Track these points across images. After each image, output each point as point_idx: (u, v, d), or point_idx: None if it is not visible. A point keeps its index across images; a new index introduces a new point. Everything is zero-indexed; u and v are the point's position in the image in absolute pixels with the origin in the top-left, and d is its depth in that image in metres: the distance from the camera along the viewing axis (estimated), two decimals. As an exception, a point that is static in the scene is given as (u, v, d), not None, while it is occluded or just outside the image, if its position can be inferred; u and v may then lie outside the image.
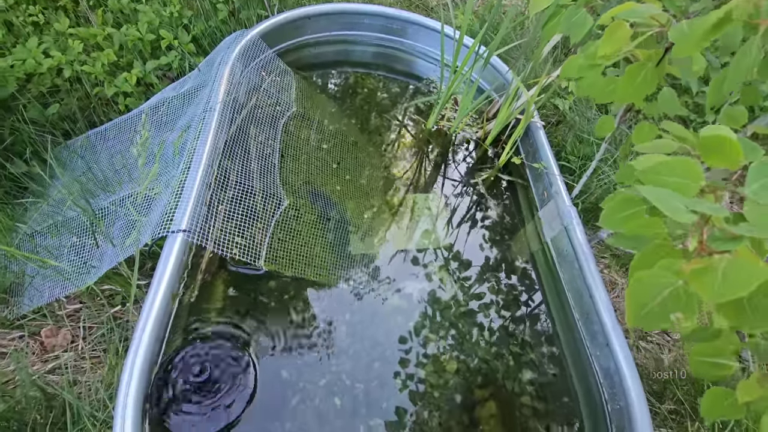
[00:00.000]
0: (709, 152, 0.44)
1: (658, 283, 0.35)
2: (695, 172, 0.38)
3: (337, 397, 0.97)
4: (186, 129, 1.06)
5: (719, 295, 0.30)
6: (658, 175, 0.38)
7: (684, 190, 0.37)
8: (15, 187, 1.23)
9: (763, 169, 0.37)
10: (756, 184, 0.37)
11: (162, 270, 0.77)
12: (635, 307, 0.36)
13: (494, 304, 1.12)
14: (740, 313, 0.34)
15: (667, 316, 0.35)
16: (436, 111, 1.36)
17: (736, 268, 0.31)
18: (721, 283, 0.30)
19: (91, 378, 1.00)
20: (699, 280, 0.32)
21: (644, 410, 0.79)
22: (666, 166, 0.38)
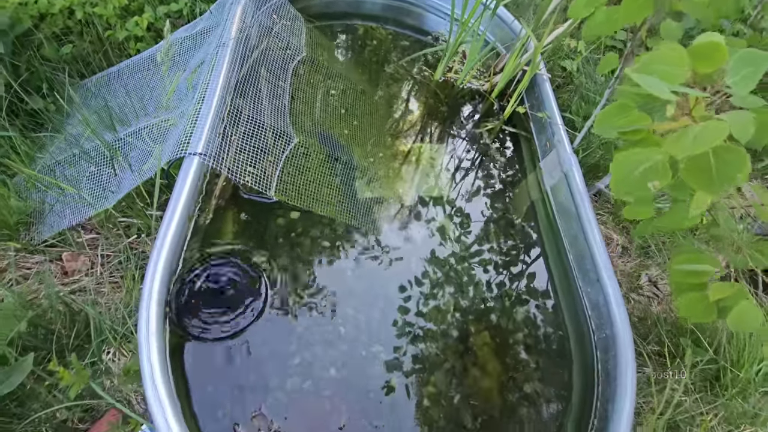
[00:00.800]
0: (699, 59, 0.47)
1: (640, 159, 0.39)
2: (682, 61, 0.41)
3: (341, 326, 1.04)
4: (199, 65, 1.08)
5: (691, 149, 0.34)
6: (651, 65, 0.42)
7: (671, 78, 0.41)
8: (33, 122, 1.27)
9: (745, 60, 0.41)
10: (737, 76, 0.41)
11: (179, 189, 0.81)
12: (619, 179, 0.40)
13: (493, 249, 1.17)
14: (706, 176, 0.38)
15: (645, 184, 0.39)
16: (443, 62, 1.38)
17: (705, 131, 0.35)
18: (692, 142, 0.34)
19: (110, 300, 1.06)
20: (675, 143, 0.36)
21: (627, 334, 0.84)
22: (658, 55, 0.42)
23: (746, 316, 0.53)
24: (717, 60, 0.47)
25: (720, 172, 0.38)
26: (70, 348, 0.94)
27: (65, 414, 0.90)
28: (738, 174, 0.38)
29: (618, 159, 0.41)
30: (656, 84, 0.38)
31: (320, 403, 0.91)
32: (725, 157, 0.38)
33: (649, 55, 0.42)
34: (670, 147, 0.36)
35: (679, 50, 0.42)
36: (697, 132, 0.36)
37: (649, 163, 0.39)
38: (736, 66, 0.41)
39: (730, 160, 0.38)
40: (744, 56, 0.41)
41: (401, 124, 1.35)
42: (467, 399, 0.98)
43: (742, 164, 0.38)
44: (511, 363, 1.01)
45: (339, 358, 0.97)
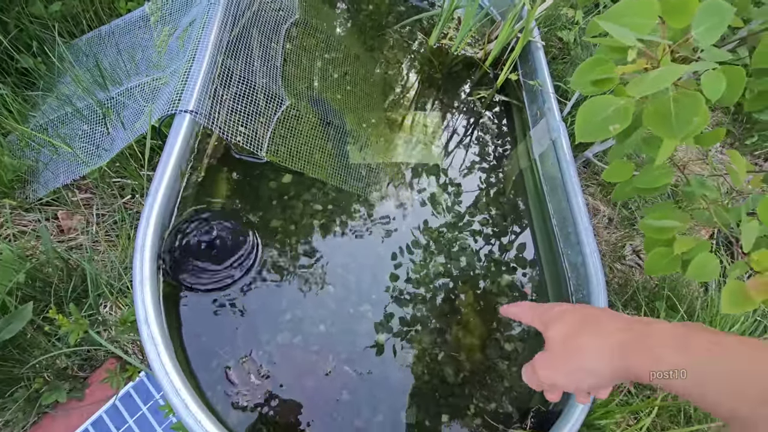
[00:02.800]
0: (672, 12, 0.49)
1: (604, 105, 0.41)
2: (650, 12, 0.43)
3: (331, 285, 1.07)
4: (190, 24, 1.07)
5: (648, 90, 0.36)
6: (620, 15, 0.43)
7: (640, 28, 0.42)
8: (24, 81, 1.26)
9: (710, 10, 0.42)
10: (701, 27, 0.42)
11: (171, 144, 0.83)
12: (583, 124, 0.43)
13: (482, 217, 1.20)
14: (667, 121, 0.40)
15: (606, 127, 0.41)
16: (438, 28, 1.37)
17: (662, 73, 0.37)
18: (650, 83, 0.36)
19: (106, 257, 1.09)
20: (635, 85, 0.38)
21: (602, 291, 0.88)
22: (627, 7, 0.43)
23: (706, 266, 0.56)
24: (689, 14, 0.48)
25: (678, 116, 0.40)
26: (68, 300, 0.98)
27: (65, 361, 0.95)
28: (695, 117, 0.40)
29: (585, 105, 0.43)
30: (623, 31, 0.40)
31: (308, 355, 0.96)
32: (683, 102, 0.40)
33: (619, 5, 0.44)
34: (630, 88, 0.38)
35: (648, 1, 0.43)
36: (655, 74, 0.38)
37: (612, 107, 0.41)
38: (701, 17, 0.42)
39: (688, 104, 0.40)
40: (708, 7, 0.42)
41: (394, 90, 1.36)
42: (450, 356, 1.03)
43: (698, 107, 0.40)
44: (494, 324, 1.06)
45: (328, 316, 1.01)
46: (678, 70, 0.37)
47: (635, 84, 0.38)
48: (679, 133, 0.40)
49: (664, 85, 0.36)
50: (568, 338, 0.42)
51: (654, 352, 0.35)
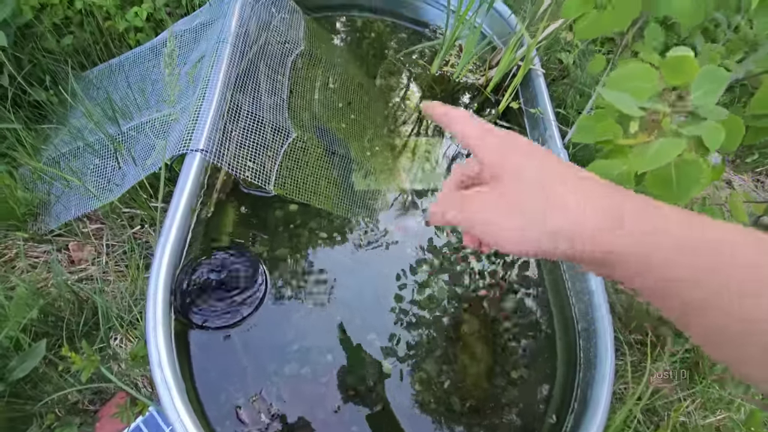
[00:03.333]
0: (671, 71, 0.51)
1: (608, 168, 0.43)
2: (650, 77, 0.45)
3: (338, 315, 1.08)
4: (200, 60, 1.10)
5: (651, 164, 0.38)
6: (622, 81, 0.45)
7: (640, 93, 0.44)
8: (36, 114, 1.29)
9: (708, 76, 0.44)
10: (700, 91, 0.44)
11: (183, 183, 0.85)
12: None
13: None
14: (668, 187, 0.42)
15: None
16: (440, 56, 1.40)
17: (665, 146, 0.39)
18: (652, 158, 0.38)
19: (116, 288, 1.11)
20: (637, 158, 0.40)
21: (608, 324, 0.89)
22: (628, 73, 0.45)
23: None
24: (688, 73, 0.50)
25: (680, 183, 0.41)
26: (80, 334, 0.99)
27: (76, 396, 0.96)
28: (695, 185, 0.42)
29: (590, 168, 0.45)
30: (625, 100, 0.41)
31: (317, 387, 0.96)
32: (685, 170, 0.41)
33: (620, 71, 0.46)
34: (633, 161, 0.40)
35: (647, 68, 0.45)
36: (656, 148, 0.39)
37: (615, 172, 0.43)
38: (699, 82, 0.44)
39: (689, 172, 0.42)
40: (706, 73, 0.44)
41: (398, 117, 1.38)
42: (456, 384, 1.04)
43: (699, 176, 0.42)
44: (500, 350, 1.06)
45: (335, 345, 1.02)
46: (678, 145, 0.38)
47: (637, 157, 0.39)
48: (681, 199, 0.41)
49: (665, 161, 0.37)
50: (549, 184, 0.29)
51: None
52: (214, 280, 0.84)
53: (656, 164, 0.38)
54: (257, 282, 0.90)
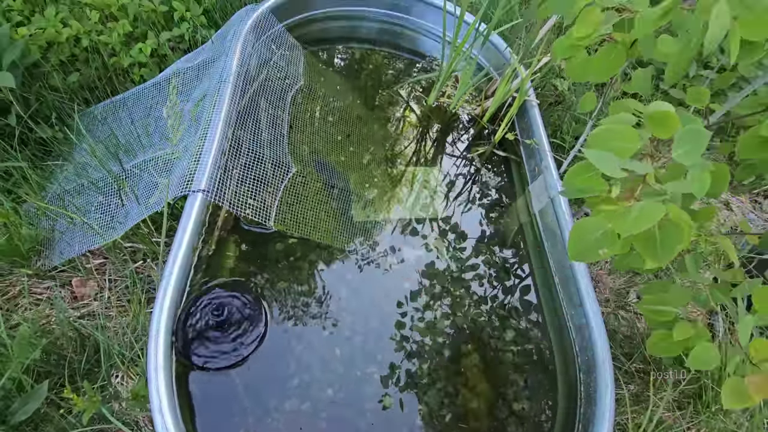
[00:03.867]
0: (655, 124, 0.53)
1: (592, 228, 0.44)
2: (631, 138, 0.46)
3: (337, 348, 1.09)
4: (202, 99, 1.13)
5: (632, 229, 0.39)
6: (604, 140, 0.47)
7: (622, 152, 0.46)
8: (42, 150, 1.32)
9: (689, 136, 0.46)
10: (681, 149, 0.46)
11: (184, 224, 0.86)
12: (575, 245, 0.46)
13: (485, 271, 1.22)
14: (652, 246, 0.43)
15: (596, 250, 0.44)
16: (436, 88, 1.43)
17: (646, 209, 0.40)
18: (633, 220, 0.39)
19: (117, 324, 1.11)
20: (619, 220, 0.41)
21: (607, 360, 0.89)
22: (610, 132, 0.47)
23: (704, 356, 0.58)
24: (671, 127, 0.52)
25: (663, 243, 0.43)
26: (81, 372, 0.99)
27: (77, 435, 0.95)
28: (678, 245, 0.43)
29: (576, 227, 0.46)
30: (607, 162, 0.43)
31: (318, 422, 0.96)
32: (668, 230, 0.43)
33: (602, 130, 0.47)
34: (615, 224, 0.41)
35: (628, 128, 0.47)
36: (637, 212, 0.41)
37: (600, 231, 0.44)
38: (680, 141, 0.46)
39: (672, 233, 0.43)
40: (686, 133, 0.46)
41: (396, 148, 1.40)
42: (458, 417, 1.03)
43: (681, 237, 0.43)
44: (500, 384, 1.06)
45: (336, 379, 1.02)
46: (659, 209, 0.40)
47: (619, 220, 0.41)
48: (663, 260, 0.43)
49: (647, 225, 0.39)
50: None
51: None
52: (215, 320, 0.85)
53: (637, 228, 0.39)
54: (258, 320, 0.91)
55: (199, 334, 0.84)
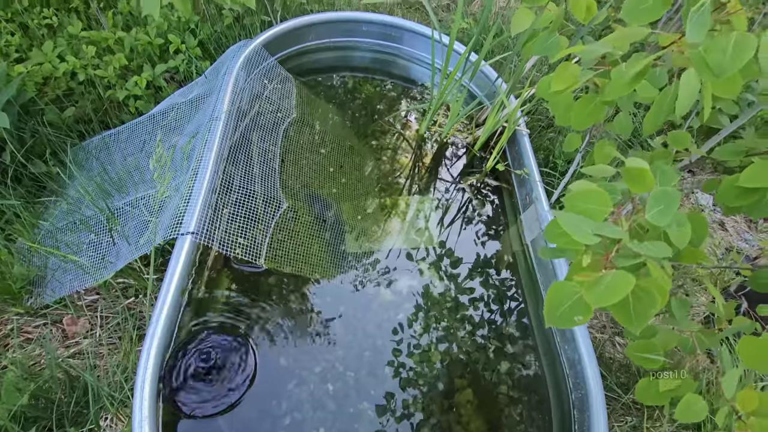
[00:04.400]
0: (631, 179, 0.53)
1: (567, 294, 0.44)
2: (604, 201, 0.47)
3: (330, 383, 1.08)
4: (194, 135, 1.15)
5: (601, 301, 0.39)
6: (578, 202, 0.47)
7: (595, 215, 0.46)
8: (36, 186, 1.33)
9: (660, 198, 0.46)
10: (654, 210, 0.46)
11: (173, 268, 0.86)
12: (551, 311, 0.46)
13: (478, 302, 1.22)
14: (626, 311, 0.43)
15: (572, 317, 0.44)
16: (428, 117, 1.44)
17: (615, 280, 0.40)
18: (603, 292, 0.39)
19: (108, 362, 1.11)
20: (590, 290, 0.41)
21: (600, 397, 0.88)
22: (583, 194, 0.47)
23: (692, 408, 0.57)
24: (646, 184, 0.53)
25: (636, 310, 0.43)
26: (70, 416, 0.98)
27: (64, 482, 0.94)
28: (651, 311, 0.43)
29: (551, 290, 0.46)
30: (580, 227, 0.43)
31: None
32: (640, 297, 0.43)
33: (576, 193, 0.48)
34: (586, 294, 0.41)
35: (601, 192, 0.47)
36: (608, 282, 0.41)
37: (574, 298, 0.44)
38: (652, 203, 0.46)
39: (644, 299, 0.43)
40: (657, 195, 0.46)
41: (388, 177, 1.41)
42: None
43: (654, 303, 0.43)
44: (495, 421, 1.05)
45: (328, 417, 1.01)
46: (629, 281, 0.40)
47: (589, 292, 0.41)
48: (637, 326, 0.43)
49: (615, 298, 0.39)
50: None
51: None
52: (204, 367, 0.84)
53: (607, 301, 0.39)
54: (246, 364, 0.90)
55: (187, 380, 0.83)
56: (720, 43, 0.43)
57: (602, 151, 0.79)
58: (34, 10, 1.76)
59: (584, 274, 0.43)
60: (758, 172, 0.55)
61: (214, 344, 0.88)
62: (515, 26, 0.95)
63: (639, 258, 0.44)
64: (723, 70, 0.43)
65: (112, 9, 1.83)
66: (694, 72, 0.45)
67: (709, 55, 0.44)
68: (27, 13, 1.74)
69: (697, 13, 0.41)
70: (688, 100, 0.45)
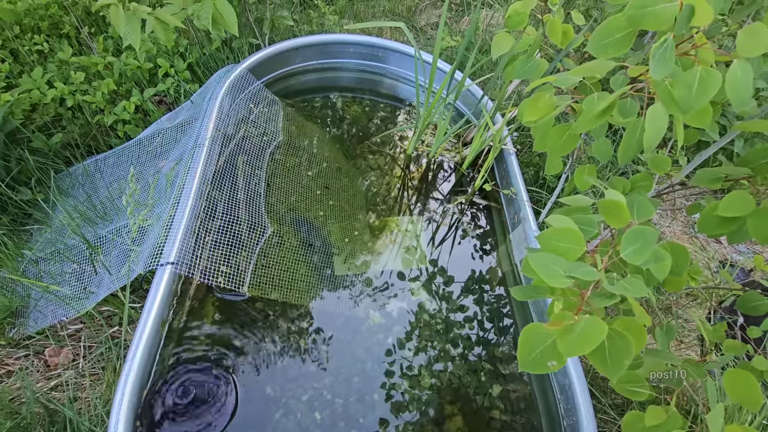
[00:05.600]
0: (608, 213, 0.52)
1: (539, 338, 0.43)
2: (578, 240, 0.46)
3: (317, 411, 1.05)
4: (178, 161, 1.14)
5: (574, 350, 0.38)
6: (551, 241, 0.46)
7: (569, 254, 0.45)
8: (21, 214, 1.32)
9: (634, 237, 0.45)
10: (629, 249, 0.45)
11: (151, 301, 0.85)
12: (524, 355, 0.44)
13: (468, 323, 1.20)
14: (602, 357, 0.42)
15: (545, 363, 0.43)
16: (414, 138, 1.44)
17: (587, 328, 0.39)
18: (576, 340, 0.38)
19: (90, 394, 1.08)
20: (562, 338, 0.40)
21: (591, 426, 0.86)
22: (557, 233, 0.46)
23: (679, 445, 0.55)
24: (622, 218, 0.52)
25: (612, 356, 0.42)
26: (48, 453, 0.96)
27: None
28: (627, 359, 0.42)
29: (523, 334, 0.45)
30: (552, 270, 0.42)
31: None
32: (616, 343, 0.42)
33: (550, 231, 0.47)
34: (559, 342, 0.40)
35: (574, 231, 0.46)
36: (581, 329, 0.39)
37: (546, 343, 0.43)
38: (628, 241, 0.45)
39: (620, 346, 0.42)
40: (634, 233, 0.45)
41: (376, 197, 1.41)
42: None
43: (629, 350, 0.42)
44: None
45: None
46: (601, 329, 0.39)
47: (562, 338, 0.39)
48: (614, 373, 0.41)
49: (590, 347, 0.38)
50: None
51: None
52: (183, 402, 0.82)
53: (581, 350, 0.38)
54: (226, 398, 0.88)
55: (166, 417, 0.81)
56: (685, 78, 0.43)
57: (582, 178, 0.78)
58: (25, 37, 1.78)
59: (556, 322, 0.42)
60: (735, 202, 0.54)
61: (194, 377, 0.86)
62: (495, 49, 0.95)
63: (615, 298, 0.43)
64: (690, 106, 0.42)
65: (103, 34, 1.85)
66: (661, 107, 0.44)
67: (675, 91, 0.43)
68: (18, 40, 1.76)
69: (660, 50, 0.41)
70: (655, 135, 0.44)
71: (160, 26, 1.03)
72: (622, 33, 0.46)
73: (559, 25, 0.81)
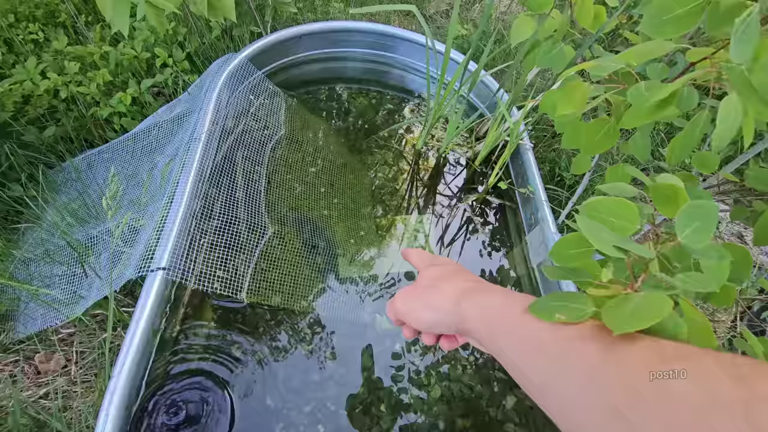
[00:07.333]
0: (660, 200, 0.44)
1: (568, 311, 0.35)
2: (633, 216, 0.38)
3: (320, 424, 0.99)
4: (173, 157, 1.07)
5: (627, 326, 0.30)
6: (601, 213, 0.38)
7: (620, 230, 0.37)
8: (11, 211, 1.27)
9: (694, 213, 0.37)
10: (688, 229, 0.37)
11: (141, 309, 0.78)
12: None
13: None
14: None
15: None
16: (424, 132, 1.36)
17: (645, 303, 0.31)
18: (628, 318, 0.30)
19: (81, 403, 1.03)
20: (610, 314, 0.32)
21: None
22: (609, 204, 0.38)
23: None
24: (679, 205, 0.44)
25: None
26: (36, 467, 0.91)
27: None
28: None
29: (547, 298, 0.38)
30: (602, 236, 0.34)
31: None
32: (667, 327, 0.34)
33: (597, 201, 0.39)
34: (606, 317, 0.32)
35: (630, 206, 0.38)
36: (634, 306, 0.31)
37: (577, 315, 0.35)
38: (685, 219, 0.37)
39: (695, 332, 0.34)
40: (691, 209, 0.37)
41: (383, 195, 1.33)
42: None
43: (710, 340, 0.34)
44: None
45: (317, 466, 0.92)
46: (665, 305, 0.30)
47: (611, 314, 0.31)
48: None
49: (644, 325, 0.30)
50: (435, 279, 0.46)
51: None
52: (175, 422, 0.76)
53: (634, 326, 0.29)
54: (223, 412, 0.82)
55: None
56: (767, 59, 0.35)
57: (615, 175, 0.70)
58: (20, 26, 1.71)
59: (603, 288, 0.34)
60: (808, 210, 0.46)
61: (187, 391, 0.80)
62: (515, 35, 0.87)
63: (671, 290, 0.35)
64: (773, 96, 0.34)
65: (100, 23, 1.78)
66: (737, 97, 0.36)
67: (754, 76, 0.35)
68: (12, 29, 1.69)
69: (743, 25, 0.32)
70: (728, 132, 0.36)
71: (152, 11, 0.95)
72: (689, 5, 0.37)
73: (591, 5, 0.72)
